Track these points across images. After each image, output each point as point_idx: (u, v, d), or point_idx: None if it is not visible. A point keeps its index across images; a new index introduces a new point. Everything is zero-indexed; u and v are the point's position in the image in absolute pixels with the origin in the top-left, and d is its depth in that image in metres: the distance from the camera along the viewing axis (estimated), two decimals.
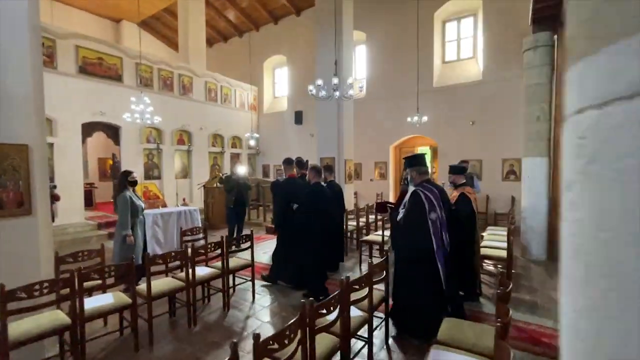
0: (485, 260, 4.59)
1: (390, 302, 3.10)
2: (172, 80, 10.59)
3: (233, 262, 4.02)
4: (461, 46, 10.11)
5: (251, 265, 4.08)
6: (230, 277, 4.06)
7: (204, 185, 8.65)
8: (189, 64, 11.28)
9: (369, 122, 11.02)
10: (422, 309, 2.96)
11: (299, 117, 12.72)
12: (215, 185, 9.09)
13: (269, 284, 4.61)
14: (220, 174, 9.44)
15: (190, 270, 3.34)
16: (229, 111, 12.68)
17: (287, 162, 4.85)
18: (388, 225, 5.24)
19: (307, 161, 10.69)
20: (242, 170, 6.96)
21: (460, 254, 3.39)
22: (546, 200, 5.75)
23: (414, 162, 3.25)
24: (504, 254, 4.08)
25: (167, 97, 10.35)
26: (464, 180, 4.02)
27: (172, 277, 3.55)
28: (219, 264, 3.83)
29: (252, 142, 11.70)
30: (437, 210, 2.93)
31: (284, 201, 4.49)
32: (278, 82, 14.30)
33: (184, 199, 9.42)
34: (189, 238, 4.48)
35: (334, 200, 4.71)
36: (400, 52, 10.42)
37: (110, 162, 12.90)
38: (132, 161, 9.35)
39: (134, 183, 4.31)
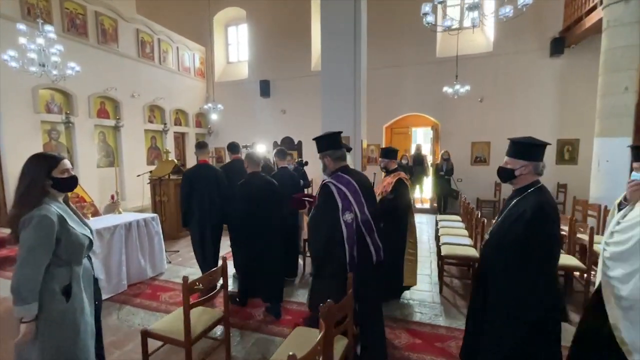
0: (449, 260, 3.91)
1: None
2: (84, 20, 7.06)
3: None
4: (464, 13, 8.89)
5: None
6: None
7: (159, 177, 5.75)
8: (111, 1, 7.73)
9: None
10: None
11: (265, 88, 10.16)
12: (168, 175, 6.28)
13: None
14: (175, 160, 6.61)
15: None
16: (170, 75, 9.42)
17: (198, 145, 4.07)
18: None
19: (299, 142, 8.20)
20: (261, 149, 4.74)
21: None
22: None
23: (326, 143, 2.35)
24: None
25: (77, 44, 6.84)
26: (396, 166, 3.62)
27: None
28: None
29: (213, 117, 8.79)
30: (355, 209, 2.22)
31: (184, 194, 3.78)
32: (232, 42, 11.34)
33: (112, 196, 6.48)
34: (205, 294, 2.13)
35: (272, 197, 3.31)
36: (399, 17, 8.75)
37: None
38: (22, 142, 5.88)
39: (68, 184, 1.74)
